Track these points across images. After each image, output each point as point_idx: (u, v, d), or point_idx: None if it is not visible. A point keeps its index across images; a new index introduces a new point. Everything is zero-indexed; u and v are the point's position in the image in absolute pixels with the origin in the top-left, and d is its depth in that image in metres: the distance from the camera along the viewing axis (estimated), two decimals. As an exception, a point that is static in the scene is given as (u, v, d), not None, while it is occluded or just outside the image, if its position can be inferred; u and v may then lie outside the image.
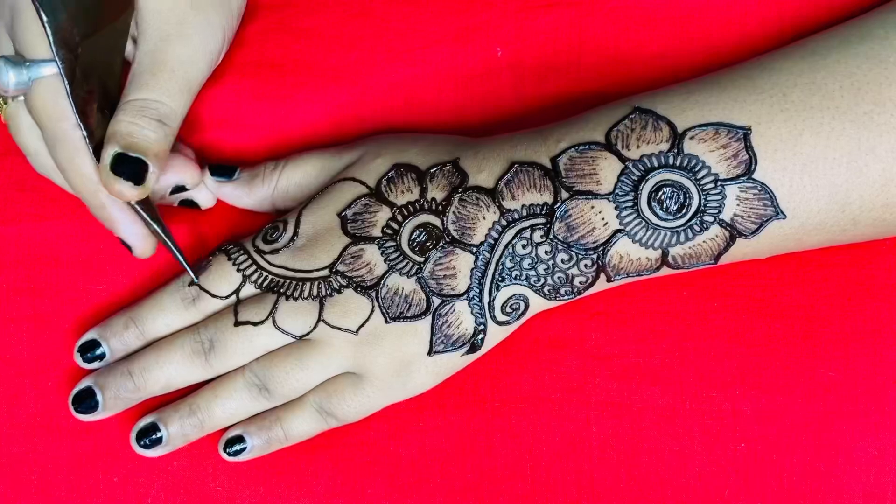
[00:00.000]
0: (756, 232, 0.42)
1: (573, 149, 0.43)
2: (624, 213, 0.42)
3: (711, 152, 0.41)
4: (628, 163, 0.42)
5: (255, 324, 0.44)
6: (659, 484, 0.46)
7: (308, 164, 0.47)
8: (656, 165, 0.42)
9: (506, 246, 0.43)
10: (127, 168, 0.42)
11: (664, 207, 0.42)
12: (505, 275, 0.43)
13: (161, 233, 0.45)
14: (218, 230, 0.49)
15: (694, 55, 0.47)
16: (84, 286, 0.49)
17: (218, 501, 0.48)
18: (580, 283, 0.43)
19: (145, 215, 0.44)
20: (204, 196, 0.48)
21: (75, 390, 0.47)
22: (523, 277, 0.43)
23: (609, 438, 0.47)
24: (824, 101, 0.41)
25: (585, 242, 0.42)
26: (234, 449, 0.46)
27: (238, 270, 0.46)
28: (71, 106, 0.42)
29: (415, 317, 0.44)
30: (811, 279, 0.47)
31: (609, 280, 0.43)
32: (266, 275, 0.45)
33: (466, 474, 0.47)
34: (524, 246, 0.43)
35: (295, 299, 0.44)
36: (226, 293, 0.46)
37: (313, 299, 0.44)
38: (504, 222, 0.43)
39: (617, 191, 0.42)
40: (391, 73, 0.49)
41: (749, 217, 0.41)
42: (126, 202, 0.44)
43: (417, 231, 0.44)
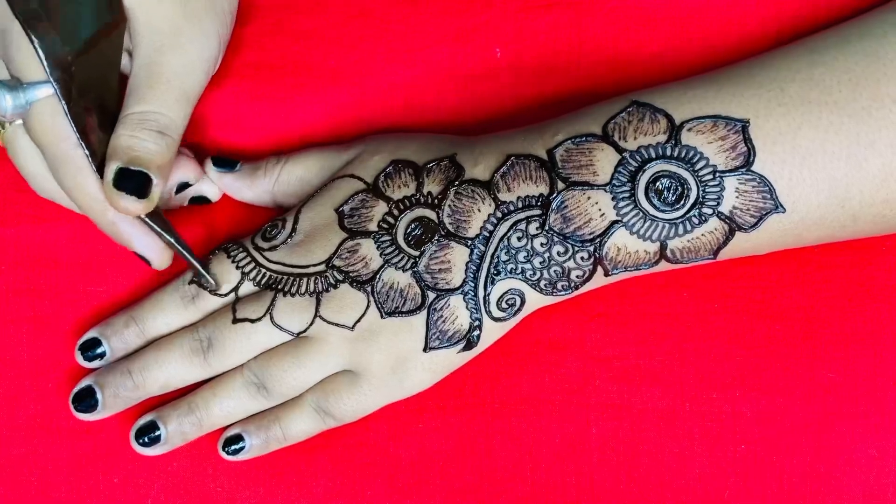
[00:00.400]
0: (756, 226, 0.41)
1: (570, 140, 0.43)
2: (621, 204, 0.42)
3: (709, 144, 0.41)
4: (625, 153, 0.42)
5: (253, 321, 0.44)
6: (659, 485, 0.46)
7: (310, 160, 0.47)
8: (654, 156, 0.42)
9: (501, 238, 0.43)
10: (130, 182, 0.42)
11: (662, 198, 0.42)
12: (500, 268, 0.43)
13: (175, 243, 0.44)
14: (227, 233, 0.49)
15: (693, 55, 0.47)
16: (83, 287, 0.49)
17: (218, 502, 0.48)
18: (577, 277, 0.43)
19: (156, 227, 0.44)
20: (210, 188, 0.48)
21: (75, 389, 0.47)
22: (519, 271, 0.43)
23: (609, 440, 0.47)
24: (822, 96, 0.41)
25: (582, 234, 0.42)
26: (233, 448, 0.46)
27: (237, 268, 0.46)
28: (70, 125, 0.41)
29: (410, 311, 0.44)
30: (811, 280, 0.47)
31: (606, 274, 0.43)
32: (264, 272, 0.45)
33: (466, 475, 0.47)
34: (519, 238, 0.43)
35: (292, 295, 0.44)
36: (225, 291, 0.46)
37: (310, 295, 0.44)
38: (499, 214, 0.43)
39: (614, 181, 0.42)
40: (391, 74, 0.49)
41: (748, 210, 0.41)
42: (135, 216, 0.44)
43: (413, 225, 0.44)
